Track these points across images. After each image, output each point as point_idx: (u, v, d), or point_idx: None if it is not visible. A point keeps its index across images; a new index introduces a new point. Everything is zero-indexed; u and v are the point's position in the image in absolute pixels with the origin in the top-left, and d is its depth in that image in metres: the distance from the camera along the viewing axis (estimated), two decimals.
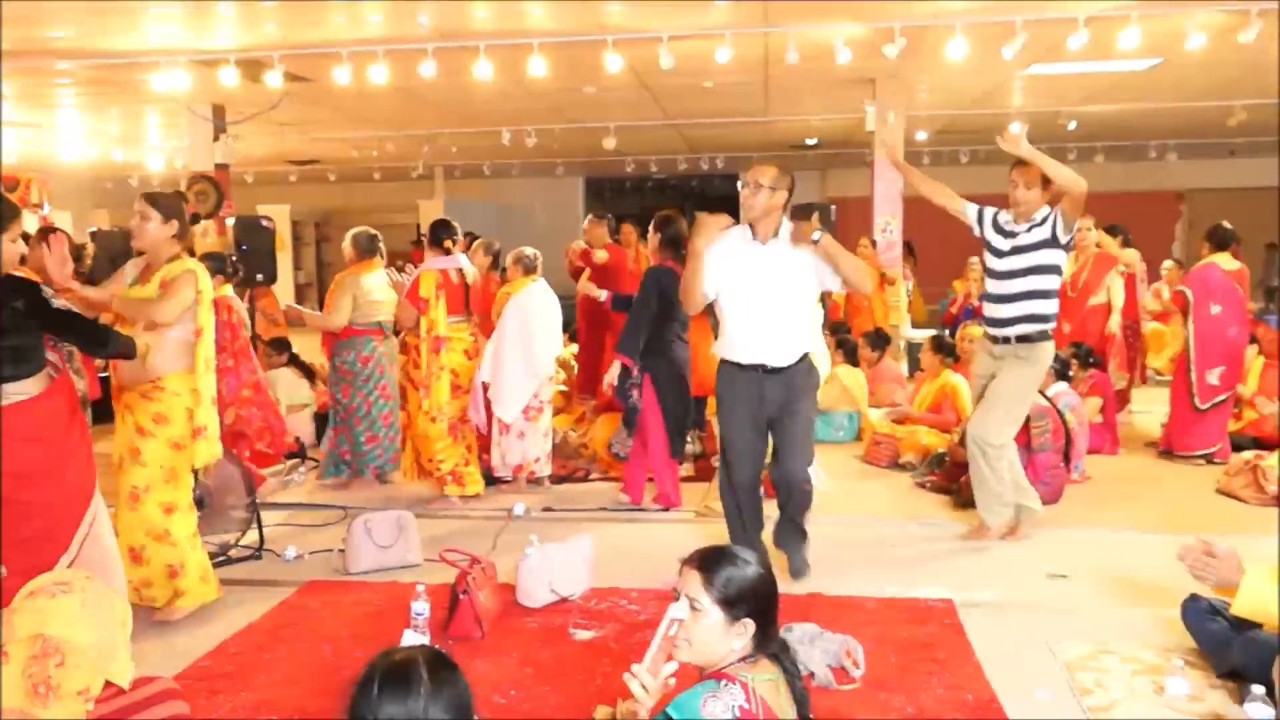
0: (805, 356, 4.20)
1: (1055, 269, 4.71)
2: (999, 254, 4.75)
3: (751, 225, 4.15)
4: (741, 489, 4.28)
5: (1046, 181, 4.59)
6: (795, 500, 4.30)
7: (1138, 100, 11.10)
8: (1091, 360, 6.85)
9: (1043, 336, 4.73)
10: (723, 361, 4.24)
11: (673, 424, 5.53)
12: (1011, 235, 4.71)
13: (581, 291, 7.07)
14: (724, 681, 2.09)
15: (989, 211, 4.85)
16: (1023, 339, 4.71)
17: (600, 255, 7.64)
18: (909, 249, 8.95)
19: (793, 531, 4.39)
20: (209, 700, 3.31)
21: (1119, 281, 7.42)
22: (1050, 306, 4.71)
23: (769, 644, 2.18)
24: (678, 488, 5.66)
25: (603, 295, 6.55)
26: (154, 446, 3.91)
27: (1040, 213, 4.66)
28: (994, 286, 4.78)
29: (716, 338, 4.43)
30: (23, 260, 3.81)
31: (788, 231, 4.09)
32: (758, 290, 4.10)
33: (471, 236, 7.70)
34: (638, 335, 5.36)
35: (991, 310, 4.80)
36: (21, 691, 2.27)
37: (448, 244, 5.88)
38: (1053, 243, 4.62)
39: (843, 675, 3.38)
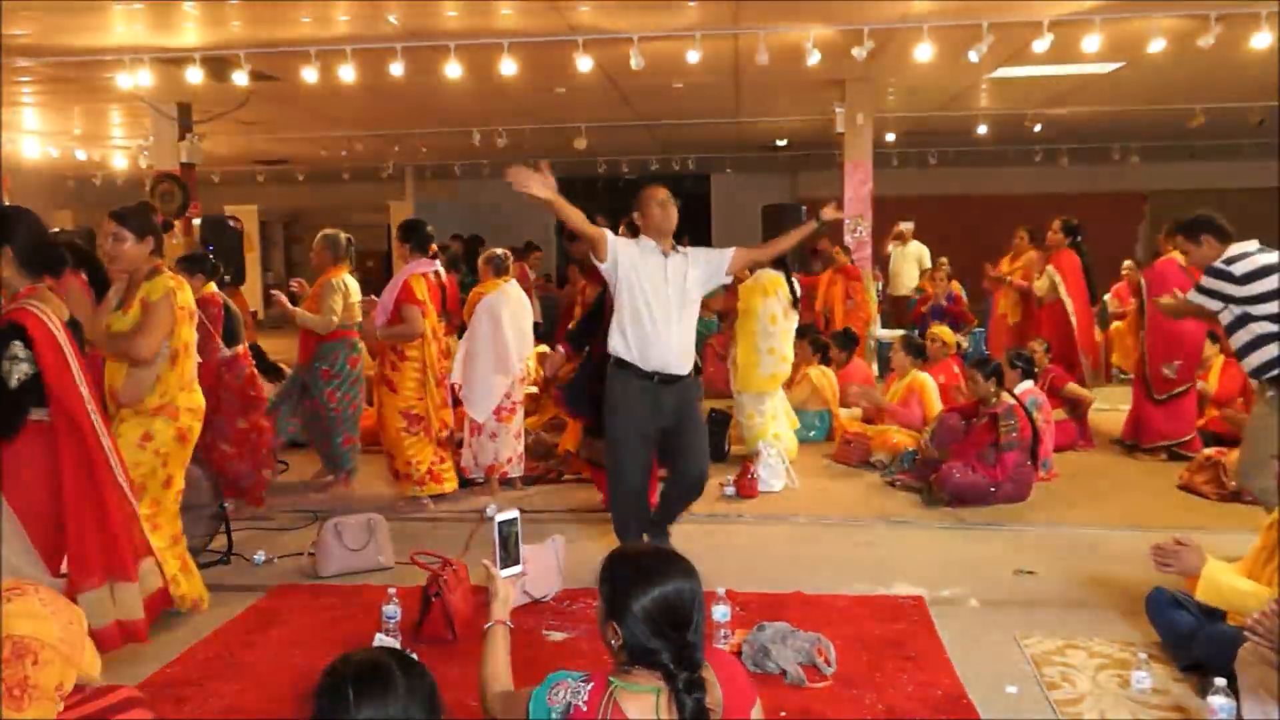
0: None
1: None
2: None
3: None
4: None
5: None
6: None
7: (1101, 103, 11.26)
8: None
9: None
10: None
11: None
12: None
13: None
14: (586, 677, 2.01)
15: None
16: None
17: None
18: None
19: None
20: (176, 708, 3.27)
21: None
22: None
23: (651, 658, 1.96)
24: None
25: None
26: (140, 456, 3.88)
27: None
28: None
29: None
30: None
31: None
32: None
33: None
34: None
35: None
36: None
37: (433, 248, 5.84)
38: None
39: (814, 673, 3.40)
